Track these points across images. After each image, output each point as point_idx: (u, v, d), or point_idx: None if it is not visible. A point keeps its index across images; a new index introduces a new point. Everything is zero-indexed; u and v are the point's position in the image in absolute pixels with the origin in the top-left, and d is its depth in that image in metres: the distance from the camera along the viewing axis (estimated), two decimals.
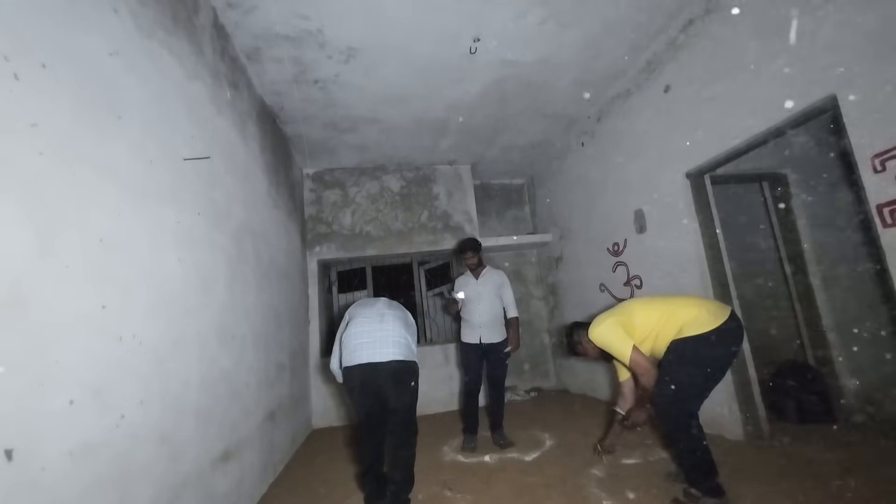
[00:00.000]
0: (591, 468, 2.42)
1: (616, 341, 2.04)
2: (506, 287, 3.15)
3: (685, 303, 2.03)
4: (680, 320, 1.95)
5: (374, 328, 2.11)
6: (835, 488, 1.91)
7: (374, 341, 2.06)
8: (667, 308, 2.03)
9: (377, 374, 2.02)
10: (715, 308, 1.97)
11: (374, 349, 2.03)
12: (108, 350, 1.26)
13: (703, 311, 1.94)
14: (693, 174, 2.86)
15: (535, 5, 2.56)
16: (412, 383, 2.09)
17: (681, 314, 1.96)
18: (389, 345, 2.05)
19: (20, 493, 0.94)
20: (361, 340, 2.07)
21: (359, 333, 2.10)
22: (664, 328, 1.99)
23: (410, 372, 2.09)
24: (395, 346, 2.06)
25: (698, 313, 1.93)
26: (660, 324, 2.01)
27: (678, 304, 2.03)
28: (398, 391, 2.04)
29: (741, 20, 2.39)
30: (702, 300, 2.07)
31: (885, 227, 1.81)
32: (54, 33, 1.17)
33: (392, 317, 2.18)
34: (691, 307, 1.97)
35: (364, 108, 3.57)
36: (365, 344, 2.06)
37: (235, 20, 2.46)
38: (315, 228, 4.61)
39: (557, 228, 4.90)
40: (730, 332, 1.89)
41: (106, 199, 1.32)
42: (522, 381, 5.09)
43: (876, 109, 1.80)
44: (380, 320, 2.15)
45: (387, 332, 2.09)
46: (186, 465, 1.66)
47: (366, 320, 2.16)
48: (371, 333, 2.09)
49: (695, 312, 1.94)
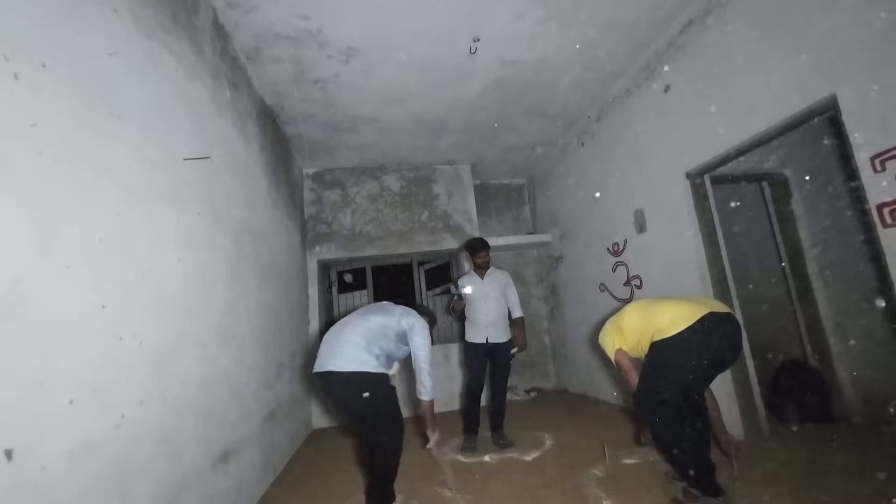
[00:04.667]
0: (591, 468, 2.43)
1: (608, 346, 2.13)
2: (510, 287, 3.17)
3: (666, 305, 1.99)
4: (656, 323, 1.95)
5: (333, 337, 2.08)
6: (835, 488, 1.91)
7: (329, 350, 2.03)
8: (647, 311, 2.03)
9: (329, 383, 2.01)
10: (694, 308, 1.90)
11: (327, 358, 2.01)
12: (108, 350, 1.26)
13: (681, 312, 1.90)
14: (693, 174, 2.86)
15: (535, 5, 2.56)
16: (364, 394, 1.95)
17: (657, 317, 1.96)
18: (339, 355, 1.98)
19: (20, 493, 0.94)
20: (322, 349, 2.07)
21: (323, 341, 2.10)
22: (644, 331, 2.01)
23: (358, 382, 1.96)
24: (342, 358, 1.97)
25: (674, 315, 1.90)
26: (640, 327, 2.03)
27: (659, 306, 2.00)
28: (353, 401, 2.00)
29: (741, 20, 2.39)
30: (687, 301, 1.99)
31: (885, 227, 1.81)
32: (54, 33, 1.17)
33: (356, 325, 2.10)
34: (671, 308, 1.94)
35: (364, 108, 3.57)
36: (322, 353, 2.06)
37: (235, 20, 2.46)
38: (315, 228, 4.61)
39: (557, 228, 4.90)
40: (700, 332, 1.83)
41: (106, 199, 1.32)
42: (522, 381, 5.08)
43: (876, 109, 1.80)
44: (341, 329, 2.11)
45: (341, 341, 2.03)
46: (186, 465, 1.66)
47: (335, 327, 2.15)
48: (329, 342, 2.08)
49: (671, 315, 1.91)
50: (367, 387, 1.97)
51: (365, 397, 1.96)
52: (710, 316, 1.86)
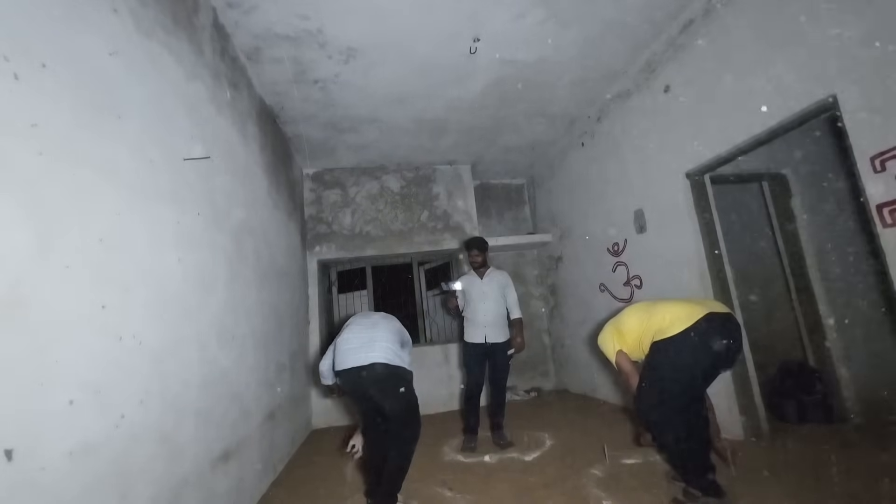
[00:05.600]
0: (591, 468, 2.43)
1: (608, 348, 2.13)
2: (510, 288, 3.17)
3: (666, 306, 1.99)
4: (656, 324, 1.95)
5: (364, 334, 2.14)
6: (835, 488, 1.91)
7: (362, 346, 2.08)
8: (647, 313, 2.03)
9: (363, 378, 2.05)
10: (694, 309, 1.90)
11: (361, 353, 2.05)
12: (107, 350, 1.26)
13: (681, 312, 1.90)
14: (693, 174, 2.86)
15: (535, 5, 2.56)
16: (401, 389, 2.07)
17: (657, 318, 1.96)
18: (376, 349, 2.05)
19: (20, 493, 0.94)
20: (352, 346, 2.10)
21: (350, 339, 2.13)
22: (644, 333, 2.01)
23: (396, 377, 2.07)
24: (381, 351, 2.05)
25: (674, 316, 1.90)
26: (640, 329, 2.03)
27: (659, 307, 2.00)
28: (385, 396, 2.06)
29: (741, 20, 2.39)
30: (687, 302, 1.99)
31: (885, 227, 1.81)
32: (54, 33, 1.17)
33: (384, 326, 2.20)
34: (671, 309, 1.94)
35: (364, 108, 3.57)
36: (354, 349, 2.08)
37: (235, 20, 2.46)
38: (315, 228, 4.61)
39: (557, 228, 4.90)
40: (700, 332, 1.83)
41: (106, 199, 1.32)
42: (522, 381, 5.08)
43: (875, 109, 1.80)
44: (371, 327, 2.18)
45: (376, 338, 2.10)
46: (186, 465, 1.66)
47: (359, 327, 2.20)
48: (360, 339, 2.12)
49: (671, 316, 1.91)
50: (402, 383, 2.08)
51: (401, 392, 2.06)
52: (710, 316, 1.86)
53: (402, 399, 2.07)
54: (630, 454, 2.56)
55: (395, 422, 2.08)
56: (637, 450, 2.60)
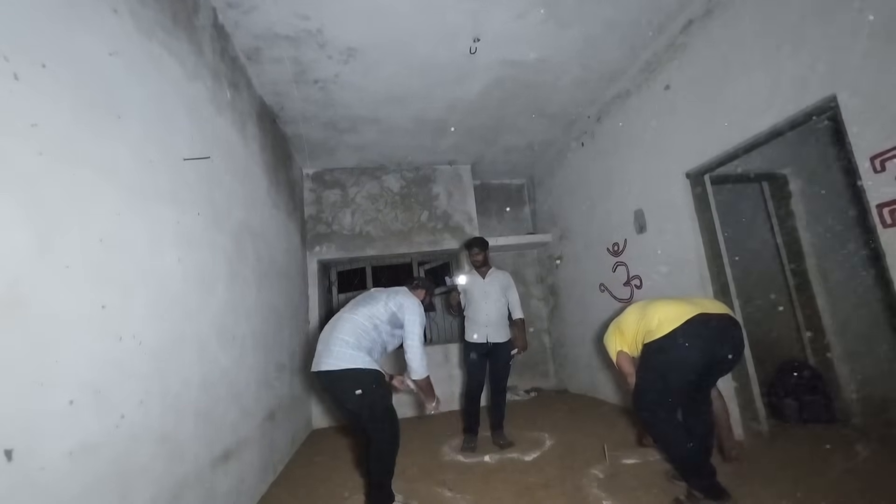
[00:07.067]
0: (591, 468, 2.42)
1: (610, 348, 2.14)
2: (511, 288, 3.17)
3: (659, 306, 1.97)
4: (646, 325, 1.95)
5: (326, 335, 2.08)
6: (835, 489, 1.91)
7: (323, 348, 2.03)
8: (642, 312, 2.03)
9: (323, 382, 2.03)
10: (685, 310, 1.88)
11: (320, 358, 2.02)
12: (108, 350, 1.26)
13: (670, 313, 1.89)
14: (693, 174, 2.86)
15: (535, 5, 2.56)
16: (356, 391, 1.94)
17: (648, 319, 1.96)
18: (330, 353, 1.98)
19: (20, 493, 0.94)
20: (318, 347, 2.07)
21: (319, 339, 2.10)
22: (638, 333, 2.01)
23: (350, 379, 1.95)
24: (332, 356, 1.97)
25: (663, 317, 1.89)
26: (637, 328, 2.03)
27: (652, 307, 1.99)
28: (346, 399, 2.01)
29: (741, 20, 2.39)
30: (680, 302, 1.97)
31: (885, 227, 1.81)
32: (54, 33, 1.17)
33: (344, 321, 2.08)
34: (662, 310, 1.93)
35: (364, 108, 3.57)
36: (318, 351, 2.06)
37: (235, 20, 2.46)
38: (315, 228, 4.61)
39: (557, 228, 4.90)
40: (685, 334, 1.82)
41: (106, 199, 1.32)
42: (522, 381, 5.08)
43: (876, 109, 1.80)
44: (332, 326, 2.10)
45: (332, 340, 2.01)
46: (186, 465, 1.66)
47: (329, 324, 2.15)
48: (323, 339, 2.07)
49: (660, 316, 1.90)
50: (358, 384, 1.96)
51: (357, 395, 1.94)
52: (699, 317, 1.83)
53: (358, 402, 1.96)
54: (630, 454, 2.56)
55: (364, 424, 2.03)
56: (637, 450, 2.60)
